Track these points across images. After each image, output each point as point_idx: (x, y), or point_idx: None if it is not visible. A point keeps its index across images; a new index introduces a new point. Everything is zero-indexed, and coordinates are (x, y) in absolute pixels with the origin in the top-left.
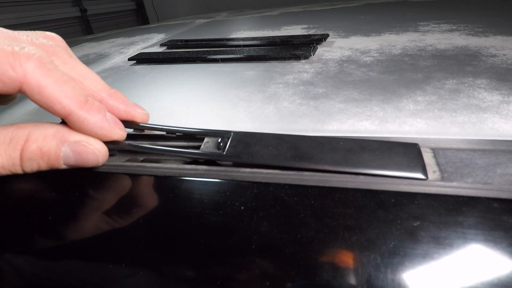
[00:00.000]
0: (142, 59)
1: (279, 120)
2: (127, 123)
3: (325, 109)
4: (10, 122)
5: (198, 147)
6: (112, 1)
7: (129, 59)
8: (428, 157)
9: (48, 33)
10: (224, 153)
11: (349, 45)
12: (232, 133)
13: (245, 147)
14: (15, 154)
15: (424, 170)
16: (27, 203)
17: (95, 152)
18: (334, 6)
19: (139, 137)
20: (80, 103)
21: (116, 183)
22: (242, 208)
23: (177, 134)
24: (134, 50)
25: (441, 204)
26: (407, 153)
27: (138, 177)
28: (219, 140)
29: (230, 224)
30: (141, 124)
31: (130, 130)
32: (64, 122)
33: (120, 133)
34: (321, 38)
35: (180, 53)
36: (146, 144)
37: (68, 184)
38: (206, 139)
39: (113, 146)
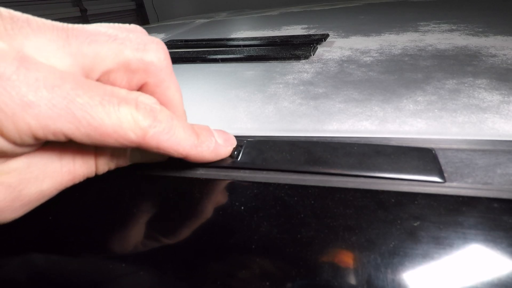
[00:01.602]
0: None
1: (279, 120)
2: None
3: (325, 109)
4: None
5: None
6: (112, 1)
7: None
8: None
9: (146, 41)
10: (238, 159)
11: (349, 45)
12: (245, 141)
13: (259, 153)
14: (91, 161)
15: (441, 174)
16: None
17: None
18: (334, 6)
19: None
20: (193, 142)
21: (114, 183)
22: (242, 208)
23: None
24: None
25: (441, 204)
26: (423, 157)
27: (137, 177)
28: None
29: (230, 224)
30: None
31: None
32: None
33: (231, 149)
34: (321, 38)
35: (180, 53)
36: None
37: None
38: None
39: None
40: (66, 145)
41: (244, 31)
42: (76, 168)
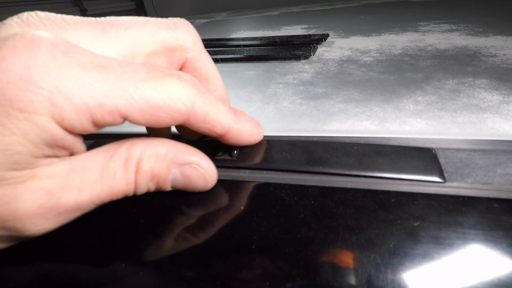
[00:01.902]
0: None
1: (279, 120)
2: None
3: (325, 109)
4: None
5: (209, 154)
6: (112, 1)
7: None
8: None
9: (174, 20)
10: (238, 159)
11: (349, 45)
12: None
13: (258, 153)
14: (131, 177)
15: (441, 173)
16: None
17: (205, 177)
18: (334, 6)
19: None
20: (233, 118)
21: None
22: (242, 208)
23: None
24: None
25: (441, 204)
26: (423, 157)
27: None
28: (232, 147)
29: (229, 224)
30: None
31: None
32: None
33: (263, 132)
34: (321, 38)
35: None
36: None
37: None
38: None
39: None
40: (107, 157)
41: (244, 31)
42: (116, 182)
